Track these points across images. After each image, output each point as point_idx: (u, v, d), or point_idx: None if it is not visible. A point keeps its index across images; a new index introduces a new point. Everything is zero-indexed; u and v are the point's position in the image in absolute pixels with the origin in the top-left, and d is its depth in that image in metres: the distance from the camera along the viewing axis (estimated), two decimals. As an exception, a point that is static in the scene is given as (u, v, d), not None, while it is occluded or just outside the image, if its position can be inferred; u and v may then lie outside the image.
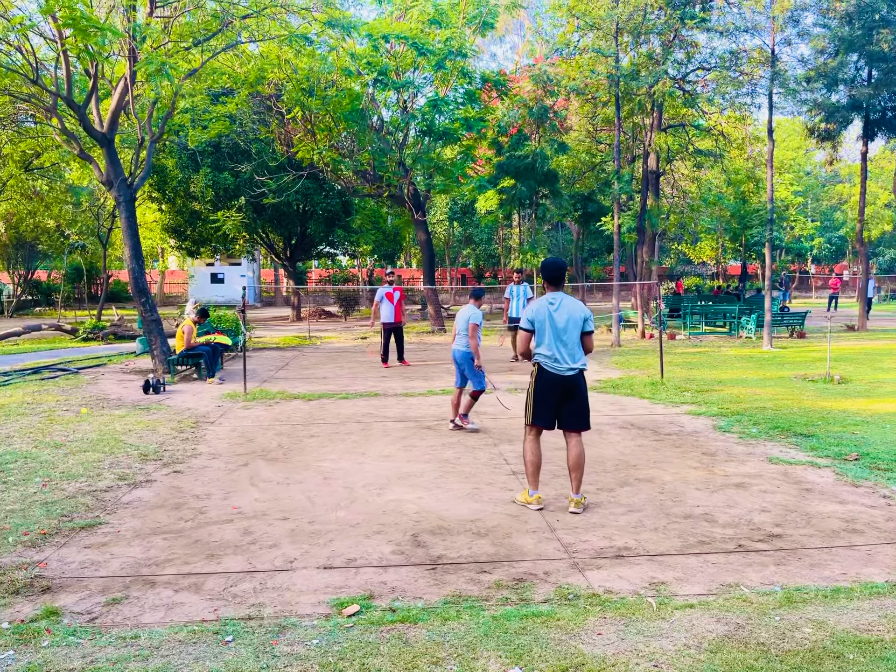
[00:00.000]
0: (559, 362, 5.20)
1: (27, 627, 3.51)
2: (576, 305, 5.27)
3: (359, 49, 19.21)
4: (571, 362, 5.21)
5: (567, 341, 5.20)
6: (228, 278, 37.83)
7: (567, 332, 5.20)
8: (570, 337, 5.21)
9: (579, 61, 19.14)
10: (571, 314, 5.22)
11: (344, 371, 13.16)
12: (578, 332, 5.24)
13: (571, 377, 5.23)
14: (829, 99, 18.88)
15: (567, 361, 5.20)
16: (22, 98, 13.36)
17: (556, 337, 5.19)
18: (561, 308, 5.23)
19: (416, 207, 21.44)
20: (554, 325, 5.20)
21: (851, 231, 37.24)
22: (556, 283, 5.36)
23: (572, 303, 5.28)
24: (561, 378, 5.21)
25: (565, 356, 5.20)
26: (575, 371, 5.23)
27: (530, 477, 5.40)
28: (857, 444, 6.98)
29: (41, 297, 35.62)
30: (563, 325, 5.20)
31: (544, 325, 5.22)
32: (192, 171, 23.46)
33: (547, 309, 5.23)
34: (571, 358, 5.21)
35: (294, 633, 3.45)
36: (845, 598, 3.76)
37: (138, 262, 12.48)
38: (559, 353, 5.20)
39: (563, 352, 5.20)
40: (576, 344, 5.24)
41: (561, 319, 5.20)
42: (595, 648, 3.28)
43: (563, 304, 5.24)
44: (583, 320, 5.24)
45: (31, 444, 7.26)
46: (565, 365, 5.20)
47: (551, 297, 5.29)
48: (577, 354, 5.25)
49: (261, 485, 5.98)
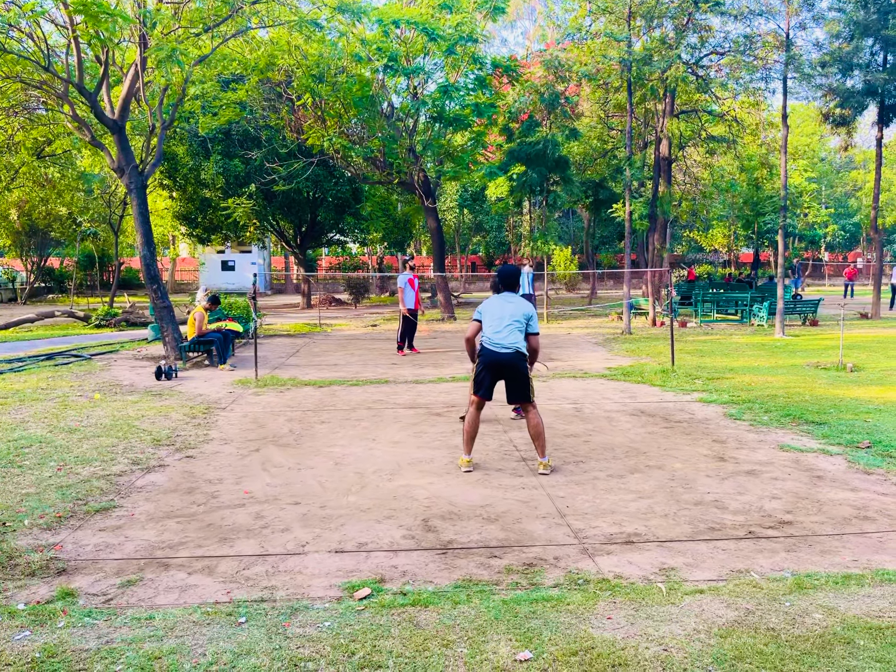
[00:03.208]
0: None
1: (43, 608, 3.56)
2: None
3: (369, 35, 19.11)
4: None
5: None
6: (239, 265, 37.95)
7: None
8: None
9: (591, 46, 18.97)
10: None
11: (354, 358, 13.19)
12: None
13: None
14: (844, 84, 18.64)
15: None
16: (33, 85, 13.38)
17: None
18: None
19: (426, 194, 21.39)
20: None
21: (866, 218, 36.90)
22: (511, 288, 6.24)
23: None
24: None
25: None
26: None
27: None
28: (869, 432, 6.94)
29: (54, 284, 35.88)
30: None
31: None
32: (203, 159, 23.49)
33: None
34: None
35: (306, 616, 3.48)
36: (856, 585, 3.75)
37: (150, 250, 12.53)
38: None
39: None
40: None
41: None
42: (605, 632, 3.30)
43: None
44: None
45: (45, 428, 7.34)
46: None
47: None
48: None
49: (272, 470, 6.02)
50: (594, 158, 26.63)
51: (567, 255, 36.02)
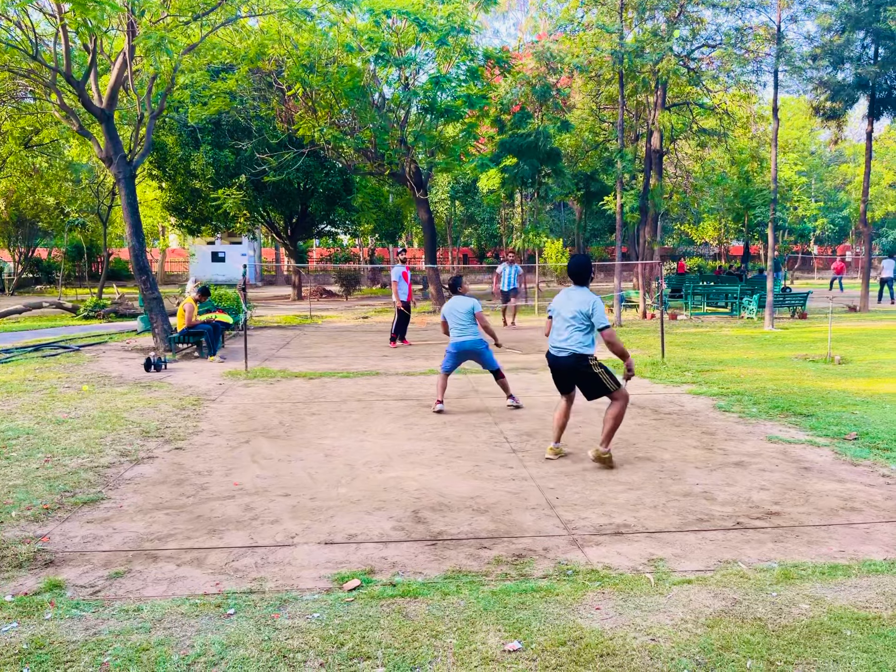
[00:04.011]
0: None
1: (30, 600, 3.54)
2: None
3: (360, 24, 19.00)
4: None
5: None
6: (229, 257, 37.77)
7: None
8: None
9: (583, 38, 18.91)
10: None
11: (345, 350, 13.17)
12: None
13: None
14: (835, 77, 18.69)
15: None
16: (21, 74, 13.24)
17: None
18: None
19: (417, 186, 21.32)
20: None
21: (855, 212, 37.06)
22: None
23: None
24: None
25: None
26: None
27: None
28: (856, 424, 6.99)
29: (42, 274, 35.62)
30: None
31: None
32: (193, 149, 23.32)
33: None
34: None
35: (295, 607, 3.48)
36: (843, 576, 3.78)
37: (139, 240, 12.45)
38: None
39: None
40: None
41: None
42: (593, 623, 3.31)
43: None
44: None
45: (33, 420, 7.29)
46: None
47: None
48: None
49: (262, 462, 6.01)
50: (586, 151, 26.63)
51: (558, 247, 36.06)
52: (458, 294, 8.19)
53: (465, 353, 8.01)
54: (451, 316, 8.03)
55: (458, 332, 7.98)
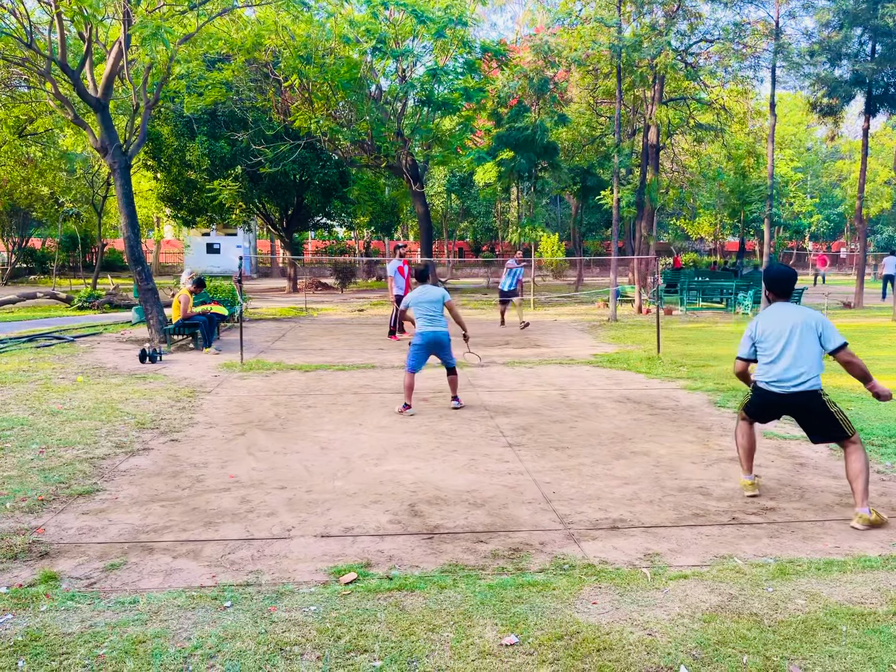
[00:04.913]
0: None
1: (25, 592, 3.53)
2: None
3: (357, 16, 18.93)
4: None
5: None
6: (224, 248, 37.60)
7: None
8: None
9: (581, 31, 18.89)
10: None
11: (341, 343, 13.14)
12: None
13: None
14: (833, 73, 18.70)
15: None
16: (15, 62, 13.14)
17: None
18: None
19: (414, 179, 21.28)
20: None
21: (850, 208, 37.12)
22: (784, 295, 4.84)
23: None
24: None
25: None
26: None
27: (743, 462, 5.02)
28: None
29: (35, 264, 35.41)
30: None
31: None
32: (188, 139, 23.20)
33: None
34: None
35: (292, 600, 3.47)
36: (838, 571, 3.79)
37: (134, 231, 12.38)
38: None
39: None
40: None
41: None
42: (590, 617, 3.32)
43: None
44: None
45: (27, 411, 7.26)
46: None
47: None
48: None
49: (258, 454, 5.99)
50: (583, 145, 26.59)
51: (554, 241, 36.02)
52: (425, 283, 7.78)
53: (434, 344, 7.57)
54: (420, 306, 7.55)
55: (428, 322, 7.54)
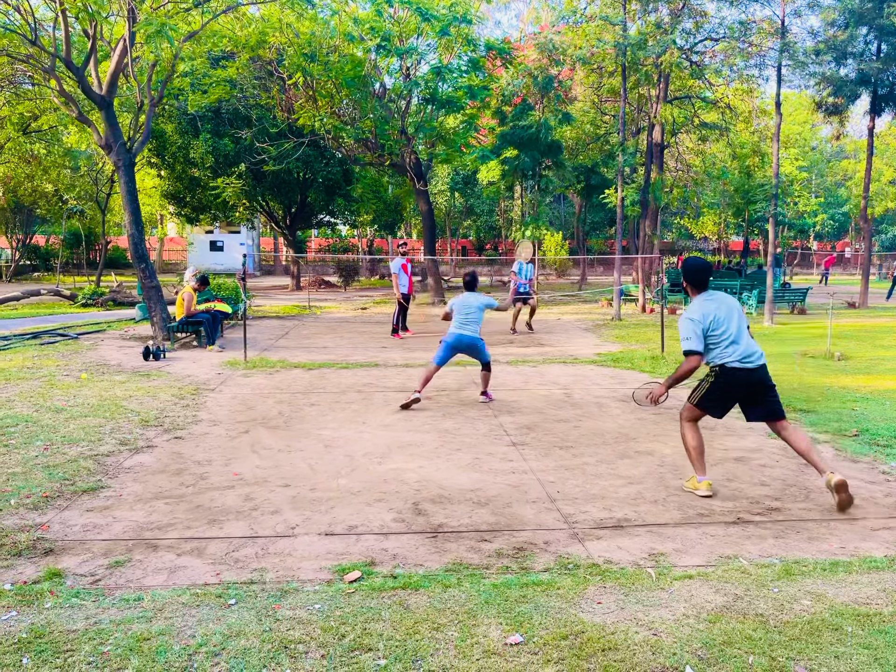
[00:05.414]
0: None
1: (30, 589, 3.53)
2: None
3: (362, 13, 18.90)
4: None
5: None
6: (227, 246, 37.66)
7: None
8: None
9: (586, 29, 18.84)
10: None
11: (344, 341, 13.14)
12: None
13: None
14: (838, 73, 18.64)
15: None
16: (20, 59, 13.13)
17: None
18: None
19: (417, 177, 21.25)
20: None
21: (855, 208, 37.03)
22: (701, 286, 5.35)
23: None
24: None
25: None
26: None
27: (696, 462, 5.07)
28: (856, 421, 6.99)
29: (39, 262, 35.46)
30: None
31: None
32: (192, 137, 23.21)
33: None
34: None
35: (296, 598, 3.47)
36: (844, 572, 3.78)
37: (138, 228, 12.39)
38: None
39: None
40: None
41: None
42: (595, 617, 3.31)
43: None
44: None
45: (32, 408, 7.26)
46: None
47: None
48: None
49: (262, 452, 5.99)
50: (587, 143, 26.55)
51: (558, 240, 35.98)
52: (472, 291, 8.22)
53: (462, 346, 7.97)
54: (462, 308, 8.01)
55: (461, 325, 7.95)
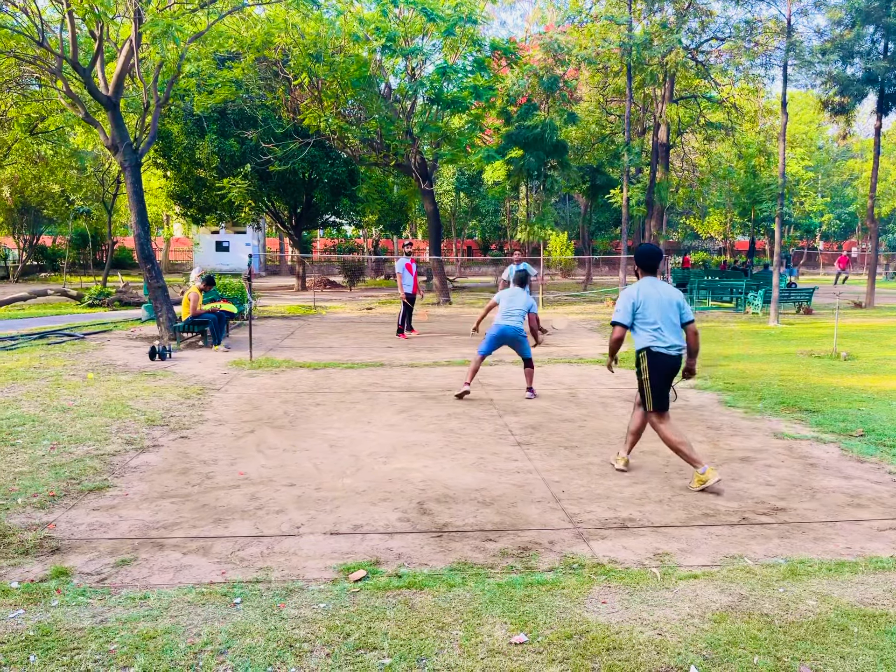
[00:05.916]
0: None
1: (37, 587, 3.55)
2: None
3: (367, 14, 18.91)
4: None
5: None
6: (233, 246, 37.73)
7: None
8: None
9: (591, 29, 18.83)
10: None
11: (349, 341, 13.16)
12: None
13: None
14: (845, 72, 18.58)
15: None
16: (27, 60, 13.18)
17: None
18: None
19: (422, 177, 21.26)
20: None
21: (862, 207, 36.88)
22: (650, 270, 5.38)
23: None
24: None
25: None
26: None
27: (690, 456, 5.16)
28: (862, 421, 6.97)
29: (46, 262, 35.61)
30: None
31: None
32: (198, 137, 23.25)
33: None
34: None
35: (301, 597, 3.48)
36: (850, 572, 3.77)
37: (144, 229, 12.42)
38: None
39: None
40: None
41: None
42: (599, 616, 3.31)
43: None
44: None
45: (38, 407, 7.30)
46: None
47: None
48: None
49: (267, 451, 6.01)
50: (592, 143, 26.50)
51: (563, 240, 35.96)
52: (523, 287, 8.50)
53: (507, 338, 8.22)
54: (509, 302, 8.27)
55: (506, 317, 8.23)
